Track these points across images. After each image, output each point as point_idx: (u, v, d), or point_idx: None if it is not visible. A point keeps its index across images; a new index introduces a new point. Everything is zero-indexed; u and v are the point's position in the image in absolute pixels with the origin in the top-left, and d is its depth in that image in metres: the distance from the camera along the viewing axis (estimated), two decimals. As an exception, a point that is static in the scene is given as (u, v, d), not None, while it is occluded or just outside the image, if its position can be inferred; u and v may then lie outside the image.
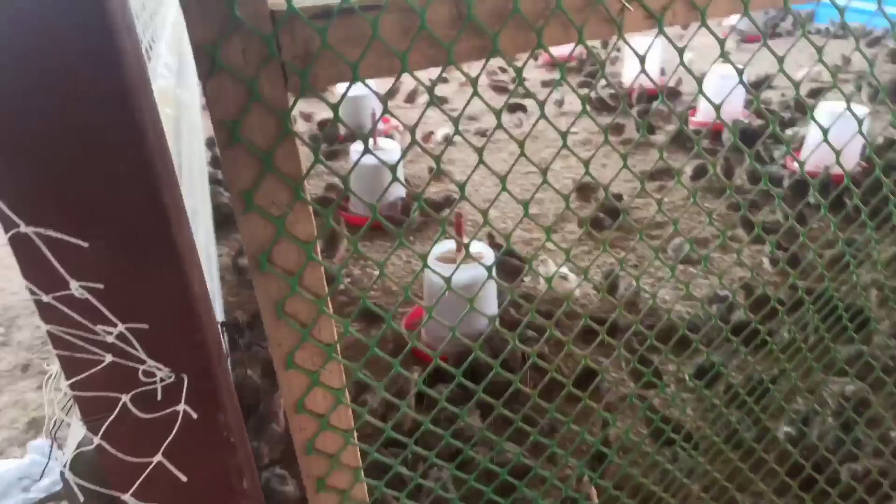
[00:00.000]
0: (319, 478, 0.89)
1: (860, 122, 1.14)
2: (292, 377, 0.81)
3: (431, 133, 7.21)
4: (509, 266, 4.30)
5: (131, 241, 0.60)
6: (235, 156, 0.68)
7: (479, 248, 4.42)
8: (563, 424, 2.84)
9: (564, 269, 4.17)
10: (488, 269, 0.85)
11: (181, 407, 0.67)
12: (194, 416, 0.68)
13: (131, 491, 0.70)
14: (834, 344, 1.38)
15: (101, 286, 0.59)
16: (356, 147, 5.52)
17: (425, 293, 3.91)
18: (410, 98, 8.03)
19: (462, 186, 0.63)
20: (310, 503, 0.92)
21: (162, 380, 0.65)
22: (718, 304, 3.71)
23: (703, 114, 6.32)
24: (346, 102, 7.16)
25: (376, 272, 4.81)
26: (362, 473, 0.92)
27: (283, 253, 0.75)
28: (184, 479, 0.71)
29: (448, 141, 8.24)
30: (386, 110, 0.78)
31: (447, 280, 0.76)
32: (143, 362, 0.64)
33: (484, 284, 0.84)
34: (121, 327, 0.62)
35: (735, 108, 6.06)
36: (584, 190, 5.81)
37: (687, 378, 1.78)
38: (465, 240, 3.75)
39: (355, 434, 0.89)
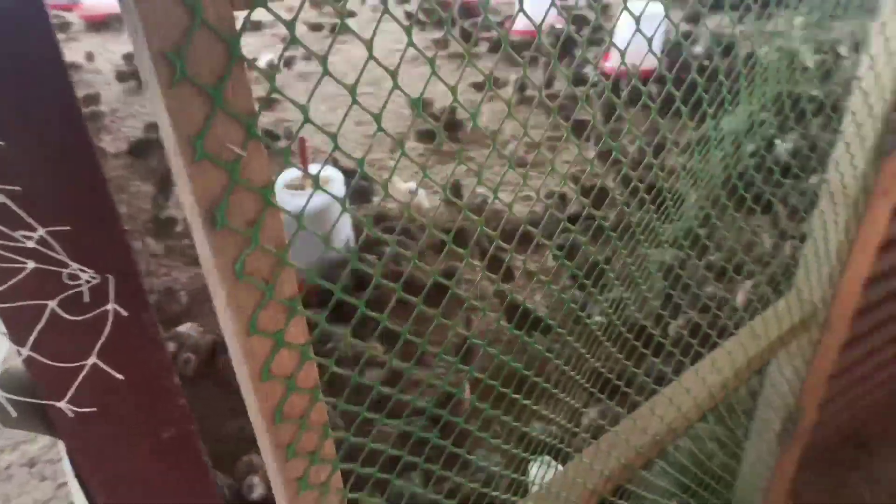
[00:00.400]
0: (289, 444, 0.81)
1: (660, 21, 1.31)
2: (255, 343, 0.72)
3: (255, 59, 6.85)
4: (359, 188, 4.35)
5: (49, 140, 0.59)
6: (180, 95, 0.58)
7: (327, 172, 4.41)
8: (430, 323, 3.05)
9: (412, 185, 4.30)
10: (342, 201, 0.79)
11: (110, 306, 0.69)
12: (125, 314, 0.70)
13: (67, 398, 0.71)
14: (658, 222, 1.62)
15: (18, 189, 0.59)
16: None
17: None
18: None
19: (305, 109, 0.59)
20: (278, 474, 0.83)
21: (88, 281, 0.66)
22: (554, 200, 4.03)
23: (523, 23, 6.60)
24: None
25: None
26: (329, 429, 0.85)
27: (239, 203, 0.64)
28: (120, 377, 0.73)
29: (273, 68, 7.93)
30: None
31: (298, 216, 0.68)
32: (66, 266, 0.65)
33: (339, 216, 0.76)
34: (41, 231, 0.62)
35: (550, 15, 6.41)
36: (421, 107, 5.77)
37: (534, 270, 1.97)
38: (311, 167, 3.73)
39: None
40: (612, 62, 5.74)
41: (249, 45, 7.14)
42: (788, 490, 2.43)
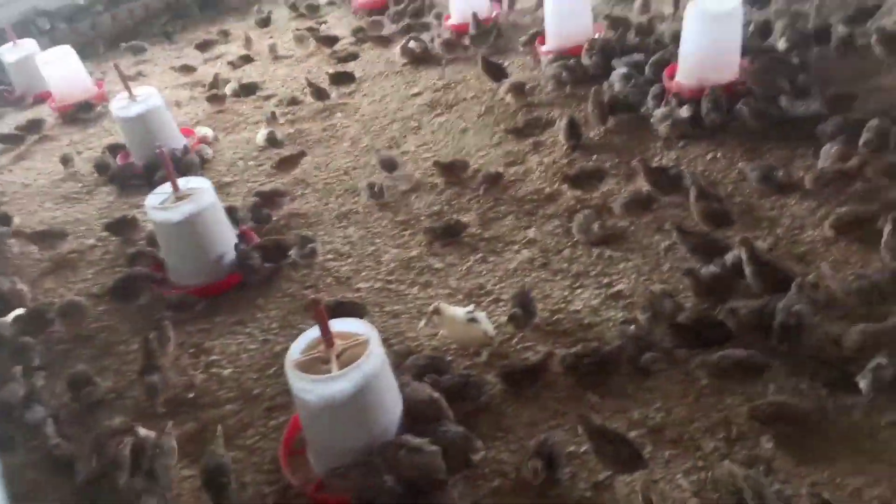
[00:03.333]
0: None
1: None
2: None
3: (207, 136, 6.19)
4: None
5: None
6: None
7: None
8: None
9: (471, 308, 3.42)
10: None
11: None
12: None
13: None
14: None
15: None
16: (152, 200, 4.18)
17: (297, 404, 2.85)
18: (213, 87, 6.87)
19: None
20: None
21: None
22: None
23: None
24: (129, 122, 5.93)
25: (226, 370, 3.64)
26: None
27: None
28: None
29: (272, 142, 6.63)
30: None
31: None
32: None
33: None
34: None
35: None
36: (452, 170, 4.85)
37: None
38: (332, 328, 2.89)
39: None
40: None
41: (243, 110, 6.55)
42: None
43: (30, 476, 3.21)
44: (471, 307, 3.38)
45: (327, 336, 2.69)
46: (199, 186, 4.19)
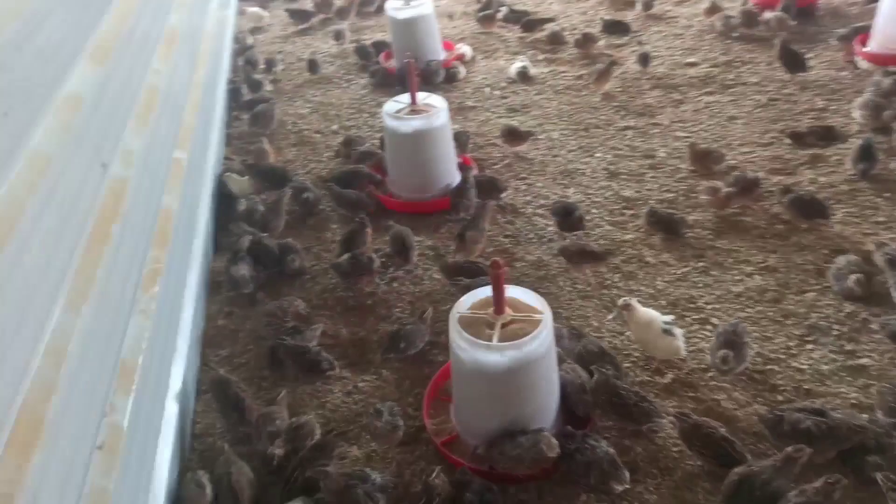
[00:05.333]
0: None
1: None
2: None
3: (465, 53, 6.09)
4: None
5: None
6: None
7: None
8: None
9: (669, 320, 3.01)
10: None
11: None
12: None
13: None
14: None
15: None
16: (389, 107, 4.19)
17: (451, 355, 2.68)
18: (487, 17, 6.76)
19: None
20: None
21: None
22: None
23: None
24: (398, 25, 6.12)
25: (404, 287, 3.60)
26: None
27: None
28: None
29: (523, 77, 6.45)
30: None
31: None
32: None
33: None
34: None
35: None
36: (705, 158, 4.25)
37: None
38: (507, 293, 2.67)
39: None
40: None
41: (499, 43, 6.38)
42: None
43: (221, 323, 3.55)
44: (671, 318, 2.97)
45: (499, 302, 2.49)
46: (435, 105, 4.14)
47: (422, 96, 4.21)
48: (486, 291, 2.64)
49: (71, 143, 2.26)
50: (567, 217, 3.81)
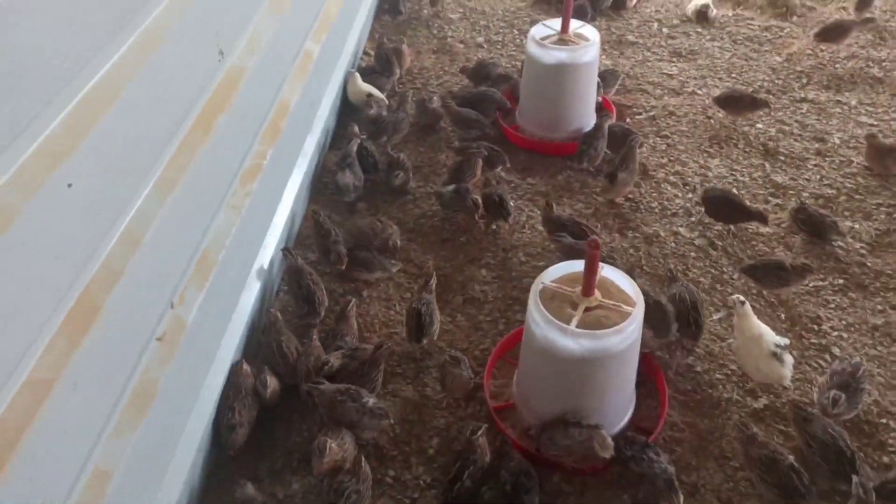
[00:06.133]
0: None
1: None
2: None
3: None
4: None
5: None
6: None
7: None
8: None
9: (783, 342, 2.61)
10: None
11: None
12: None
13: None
14: None
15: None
16: (537, 31, 3.82)
17: (524, 337, 2.52)
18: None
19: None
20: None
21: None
22: None
23: None
24: None
25: (502, 234, 3.39)
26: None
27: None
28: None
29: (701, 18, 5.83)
30: None
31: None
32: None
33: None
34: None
35: None
36: (885, 158, 3.56)
37: None
38: (601, 272, 2.39)
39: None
40: None
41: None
42: None
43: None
44: (785, 341, 2.61)
45: (589, 284, 2.27)
46: (588, 37, 3.74)
47: (575, 25, 3.82)
48: (578, 265, 2.42)
49: (188, 25, 2.22)
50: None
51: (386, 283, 3.16)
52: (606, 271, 2.44)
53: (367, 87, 4.14)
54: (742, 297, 2.65)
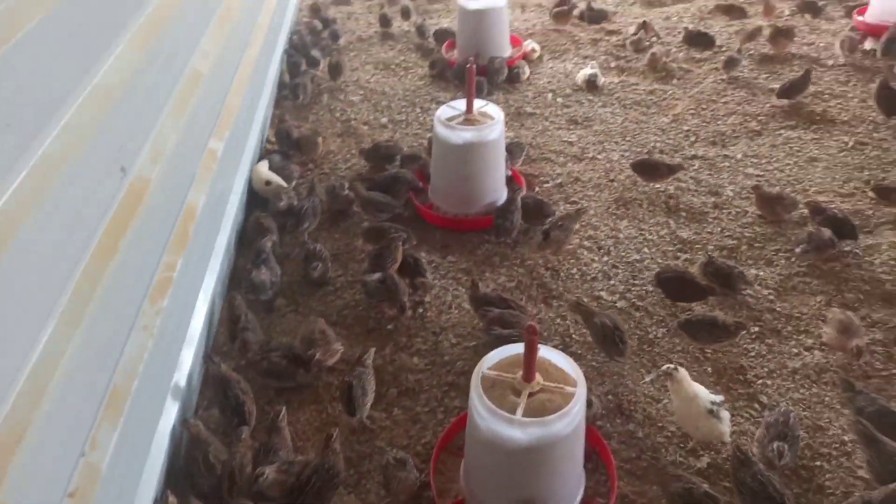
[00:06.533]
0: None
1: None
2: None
3: (533, 51, 5.76)
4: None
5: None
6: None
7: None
8: None
9: (717, 399, 2.68)
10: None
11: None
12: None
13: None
14: None
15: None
16: (442, 112, 3.91)
17: (468, 429, 2.46)
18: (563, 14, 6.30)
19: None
20: None
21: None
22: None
23: None
24: (466, 15, 5.78)
25: (430, 313, 3.36)
26: None
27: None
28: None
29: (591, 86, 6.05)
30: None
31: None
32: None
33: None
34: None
35: None
36: (774, 204, 3.83)
37: None
38: (540, 354, 2.40)
39: None
40: None
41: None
42: None
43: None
44: (720, 398, 2.67)
45: (530, 370, 2.25)
46: (492, 116, 3.86)
47: (479, 104, 3.94)
48: (516, 348, 2.40)
49: (89, 144, 2.10)
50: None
51: (314, 385, 3.03)
52: (543, 351, 2.43)
53: (267, 175, 4.06)
54: (672, 365, 2.70)
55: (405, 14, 6.35)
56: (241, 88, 4.07)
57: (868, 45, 5.37)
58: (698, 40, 5.69)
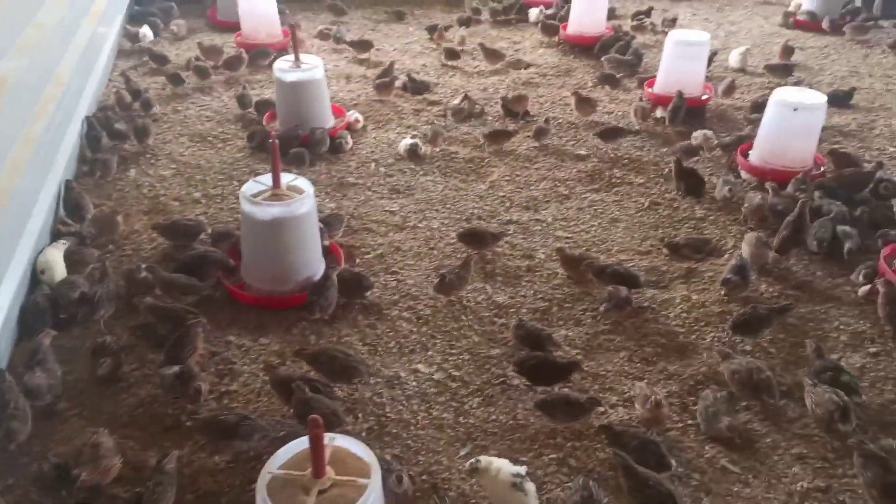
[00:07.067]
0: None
1: None
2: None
3: (357, 121, 5.78)
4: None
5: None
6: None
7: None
8: None
9: (520, 471, 2.70)
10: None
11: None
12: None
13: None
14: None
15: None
16: (249, 188, 3.76)
17: None
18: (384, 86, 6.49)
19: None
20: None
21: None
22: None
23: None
24: (285, 88, 5.49)
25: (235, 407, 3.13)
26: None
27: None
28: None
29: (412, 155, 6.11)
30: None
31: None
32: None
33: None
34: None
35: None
36: (578, 265, 4.03)
37: None
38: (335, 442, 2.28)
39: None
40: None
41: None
42: None
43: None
44: (523, 469, 2.68)
45: (318, 465, 2.12)
46: (302, 189, 3.78)
47: (288, 178, 3.85)
48: (303, 445, 2.26)
49: None
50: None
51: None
52: (340, 441, 2.32)
53: (42, 263, 3.70)
54: (474, 460, 2.67)
55: (228, 86, 6.20)
56: (19, 167, 3.68)
57: (659, 113, 5.97)
58: (519, 103, 6.05)
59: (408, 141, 5.41)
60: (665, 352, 3.57)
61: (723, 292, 3.91)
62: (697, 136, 5.45)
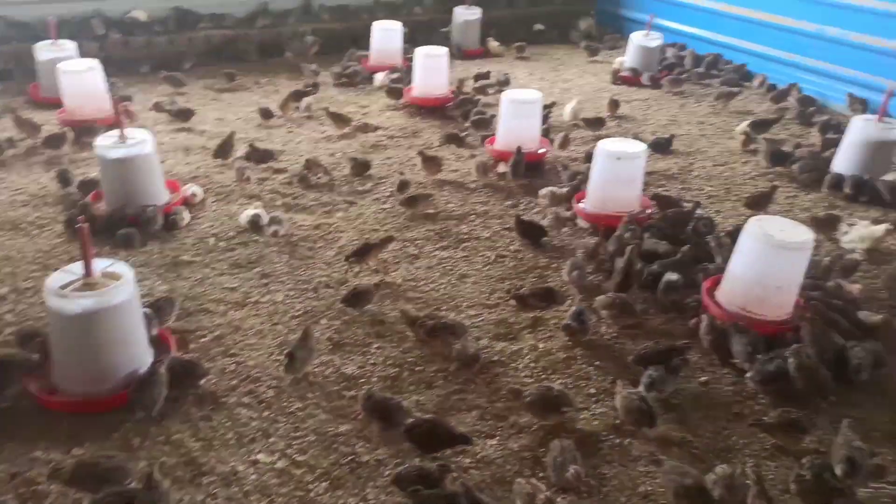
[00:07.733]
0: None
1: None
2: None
3: (194, 195, 5.54)
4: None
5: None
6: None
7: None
8: None
9: None
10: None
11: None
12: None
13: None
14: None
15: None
16: (54, 280, 3.38)
17: None
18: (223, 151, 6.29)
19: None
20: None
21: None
22: None
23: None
24: (109, 165, 5.09)
25: None
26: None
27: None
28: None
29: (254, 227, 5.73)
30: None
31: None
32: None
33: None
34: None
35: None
36: (414, 323, 4.00)
37: None
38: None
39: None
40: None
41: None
42: None
43: None
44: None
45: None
46: (119, 275, 3.46)
47: (103, 264, 3.52)
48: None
49: None
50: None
51: None
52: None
53: None
54: None
55: (49, 166, 5.71)
56: None
57: (501, 168, 6.16)
58: (364, 169, 6.04)
59: (249, 212, 5.19)
60: (516, 406, 3.56)
61: (566, 338, 4.01)
62: (544, 193, 5.66)
